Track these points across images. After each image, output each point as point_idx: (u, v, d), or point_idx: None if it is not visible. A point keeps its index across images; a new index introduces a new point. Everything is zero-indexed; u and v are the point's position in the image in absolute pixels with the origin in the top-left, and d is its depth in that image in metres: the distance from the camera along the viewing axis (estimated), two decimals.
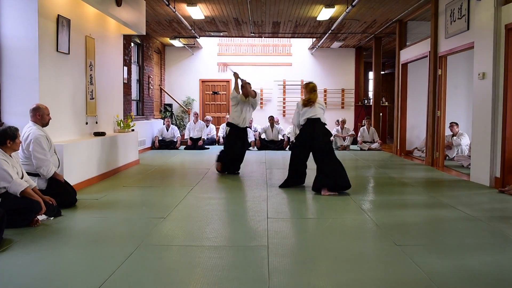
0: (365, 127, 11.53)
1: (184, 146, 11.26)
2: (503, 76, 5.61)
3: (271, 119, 11.42)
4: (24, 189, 3.78)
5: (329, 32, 10.47)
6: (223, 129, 11.96)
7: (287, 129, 11.64)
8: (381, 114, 12.28)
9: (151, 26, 10.25)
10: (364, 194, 5.36)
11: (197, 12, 8.60)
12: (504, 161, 5.61)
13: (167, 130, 11.24)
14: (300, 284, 2.59)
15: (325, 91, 13.47)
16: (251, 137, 11.22)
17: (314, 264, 2.95)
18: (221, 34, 11.34)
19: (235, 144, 6.90)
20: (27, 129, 4.41)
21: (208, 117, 12.22)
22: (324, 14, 8.77)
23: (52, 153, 4.54)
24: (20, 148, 4.39)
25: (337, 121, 12.03)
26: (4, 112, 4.97)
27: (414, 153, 9.72)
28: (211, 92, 13.69)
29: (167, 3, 7.52)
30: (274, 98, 13.55)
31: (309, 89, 5.78)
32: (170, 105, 13.03)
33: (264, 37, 12.57)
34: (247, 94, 6.85)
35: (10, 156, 3.91)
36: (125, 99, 8.86)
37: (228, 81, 13.60)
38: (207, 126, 11.78)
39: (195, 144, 11.15)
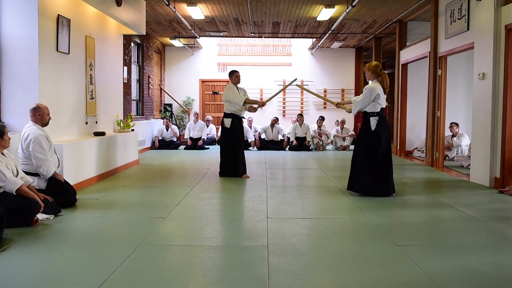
0: None
1: (184, 146, 11.27)
2: (503, 77, 5.61)
3: (275, 120, 11.43)
4: (19, 187, 3.77)
5: (329, 32, 10.47)
6: None
7: (286, 129, 11.65)
8: None
9: (151, 26, 10.25)
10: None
11: (197, 12, 8.60)
12: (503, 161, 5.61)
13: (167, 130, 11.24)
14: (299, 284, 2.59)
15: (325, 91, 13.47)
16: (251, 137, 11.24)
17: (313, 264, 2.95)
18: (221, 34, 11.34)
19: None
20: (27, 129, 4.41)
21: (209, 117, 12.25)
22: (324, 14, 8.77)
23: (52, 153, 4.54)
24: (20, 147, 4.39)
25: (337, 121, 12.04)
26: (4, 111, 4.97)
27: (414, 153, 9.72)
28: (211, 92, 13.69)
29: (167, 3, 7.52)
30: (274, 98, 13.49)
31: (374, 68, 5.16)
32: (170, 105, 13.04)
33: (264, 37, 12.57)
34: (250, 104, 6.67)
35: (3, 154, 3.89)
36: (125, 99, 8.86)
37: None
38: (207, 126, 11.79)
39: (195, 144, 11.16)
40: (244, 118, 6.81)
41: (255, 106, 6.71)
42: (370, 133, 5.11)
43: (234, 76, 6.68)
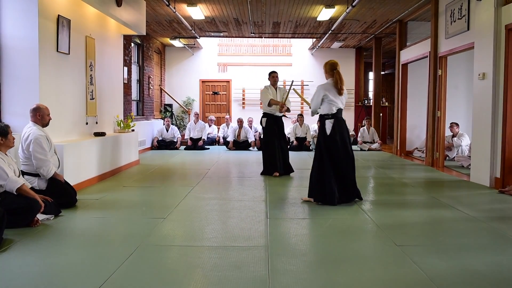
0: (365, 127, 11.53)
1: (184, 147, 11.27)
2: (503, 77, 5.61)
3: None
4: (20, 186, 3.77)
5: (329, 32, 10.47)
6: (223, 129, 11.98)
7: (287, 130, 11.62)
8: (381, 114, 12.27)
9: (151, 26, 10.25)
10: (364, 194, 5.33)
11: (197, 13, 8.61)
12: (504, 161, 5.61)
13: (167, 130, 11.24)
14: (300, 284, 2.59)
15: None
16: (251, 137, 11.23)
17: (314, 264, 2.95)
18: (221, 34, 11.35)
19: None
20: (27, 129, 4.41)
21: (212, 117, 12.29)
22: (324, 14, 8.77)
23: (52, 154, 4.54)
24: (20, 148, 4.39)
25: None
26: (4, 112, 4.97)
27: (414, 153, 9.72)
28: (211, 92, 13.69)
29: (167, 3, 7.52)
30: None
31: (329, 67, 4.76)
32: (170, 105, 13.04)
33: (264, 38, 12.57)
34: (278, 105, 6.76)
35: (6, 154, 3.89)
36: (125, 99, 8.86)
37: (228, 81, 13.60)
38: (209, 126, 11.81)
39: (195, 144, 11.16)
40: (286, 116, 7.12)
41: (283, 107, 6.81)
42: (326, 138, 4.73)
43: (271, 77, 6.99)
